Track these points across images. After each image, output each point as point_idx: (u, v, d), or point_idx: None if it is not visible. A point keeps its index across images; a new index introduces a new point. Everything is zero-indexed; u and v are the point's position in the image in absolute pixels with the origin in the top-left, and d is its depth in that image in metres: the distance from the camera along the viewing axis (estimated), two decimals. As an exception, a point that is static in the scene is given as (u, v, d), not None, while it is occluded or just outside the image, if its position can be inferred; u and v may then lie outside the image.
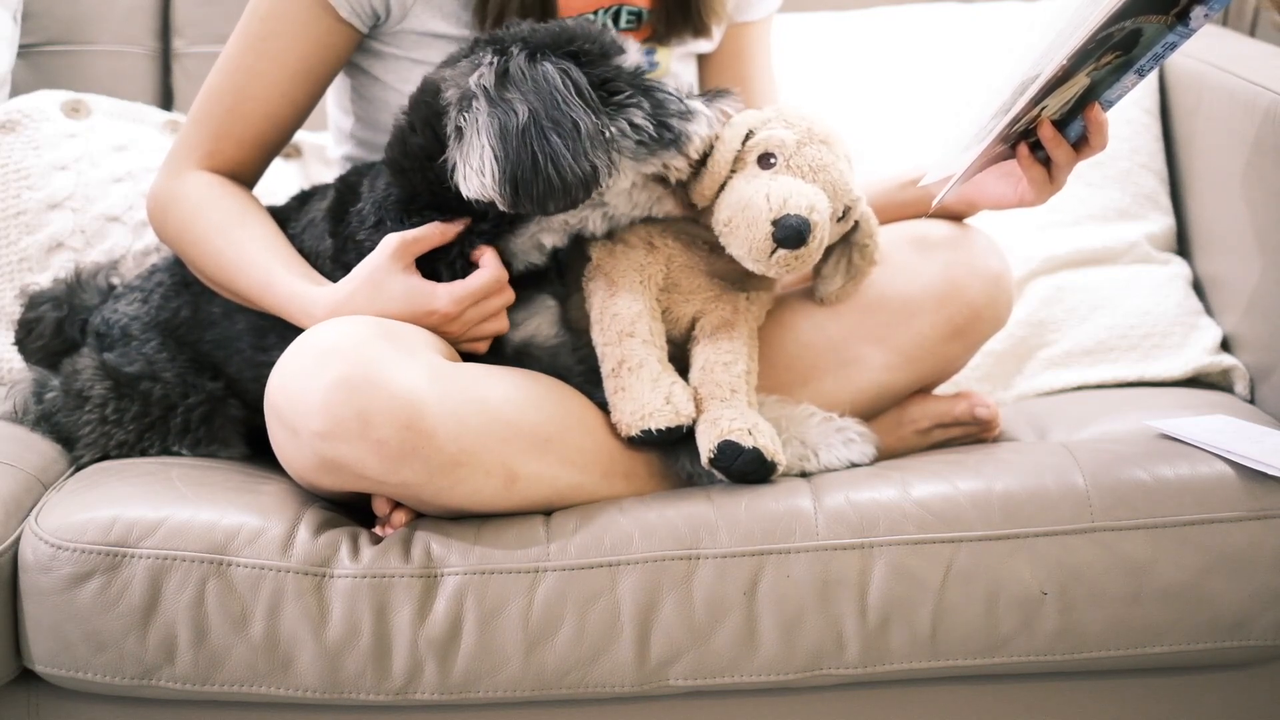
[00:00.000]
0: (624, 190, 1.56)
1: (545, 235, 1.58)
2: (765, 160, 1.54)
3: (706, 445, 1.52)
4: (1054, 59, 1.43)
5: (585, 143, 1.46)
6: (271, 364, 1.50)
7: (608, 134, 1.49)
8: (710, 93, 1.59)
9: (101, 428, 1.66)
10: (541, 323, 1.60)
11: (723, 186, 1.56)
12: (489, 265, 1.56)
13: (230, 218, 1.65)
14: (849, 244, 1.62)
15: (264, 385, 1.50)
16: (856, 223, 1.61)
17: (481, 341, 1.59)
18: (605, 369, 1.56)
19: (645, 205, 1.59)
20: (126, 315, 1.71)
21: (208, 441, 1.67)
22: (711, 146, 1.56)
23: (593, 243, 1.61)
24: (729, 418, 1.52)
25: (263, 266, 1.61)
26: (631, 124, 1.51)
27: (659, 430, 1.52)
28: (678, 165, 1.54)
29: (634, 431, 1.53)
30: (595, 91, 1.50)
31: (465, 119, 1.48)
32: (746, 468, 1.51)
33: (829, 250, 1.62)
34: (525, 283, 1.59)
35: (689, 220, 1.60)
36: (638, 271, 1.58)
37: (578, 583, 1.47)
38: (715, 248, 1.58)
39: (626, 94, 1.52)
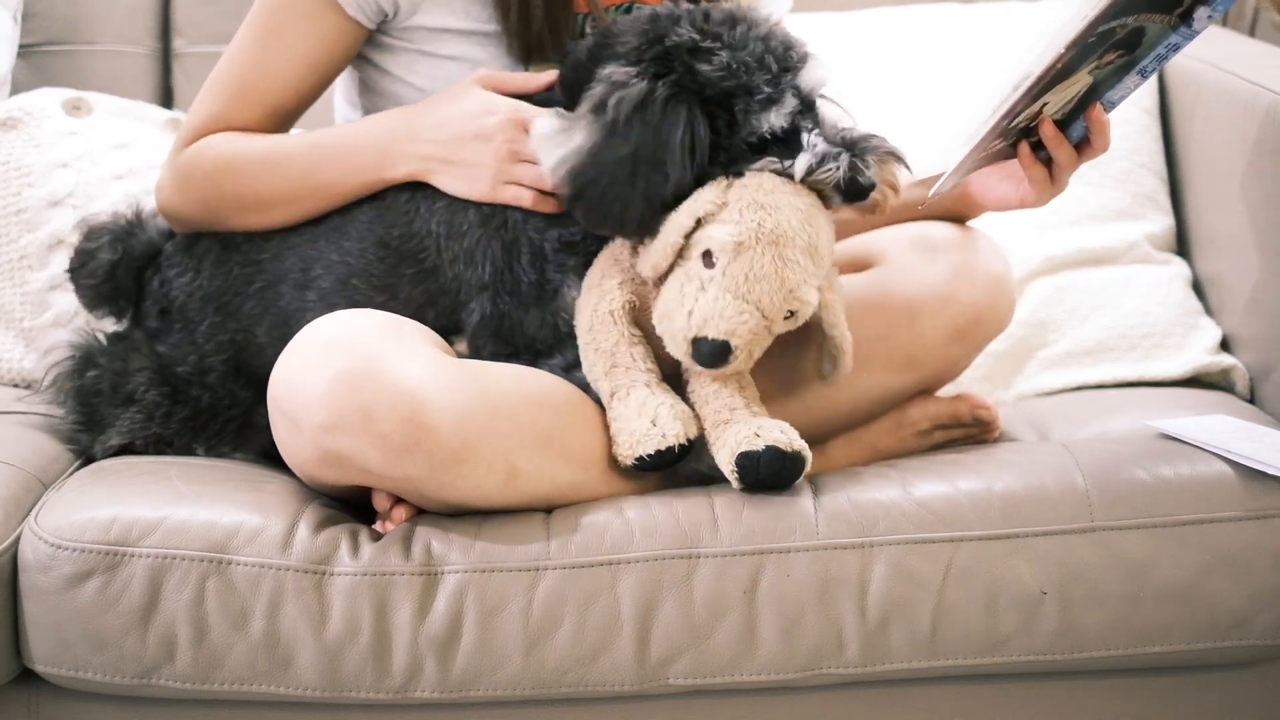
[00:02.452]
0: None
1: None
2: (707, 258, 1.50)
3: (729, 471, 1.51)
4: (1051, 49, 1.42)
5: (665, 197, 1.50)
6: (309, 304, 1.53)
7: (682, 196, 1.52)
8: (864, 140, 1.54)
9: (145, 424, 1.66)
10: None
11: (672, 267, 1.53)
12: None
13: (262, 136, 1.68)
14: (823, 335, 1.57)
15: (289, 336, 1.50)
16: (820, 314, 1.54)
17: (529, 192, 1.58)
18: (605, 402, 1.55)
19: None
20: (183, 291, 1.70)
21: (235, 446, 1.68)
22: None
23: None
24: (733, 434, 1.50)
25: (315, 134, 1.66)
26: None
27: (648, 456, 1.51)
28: None
29: (628, 461, 1.52)
30: (719, 147, 1.53)
31: (588, 117, 1.52)
32: (772, 468, 1.50)
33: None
34: None
35: None
36: (607, 303, 1.56)
37: (578, 581, 1.47)
38: None
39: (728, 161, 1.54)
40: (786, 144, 1.53)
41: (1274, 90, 1.77)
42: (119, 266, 1.73)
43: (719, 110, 1.53)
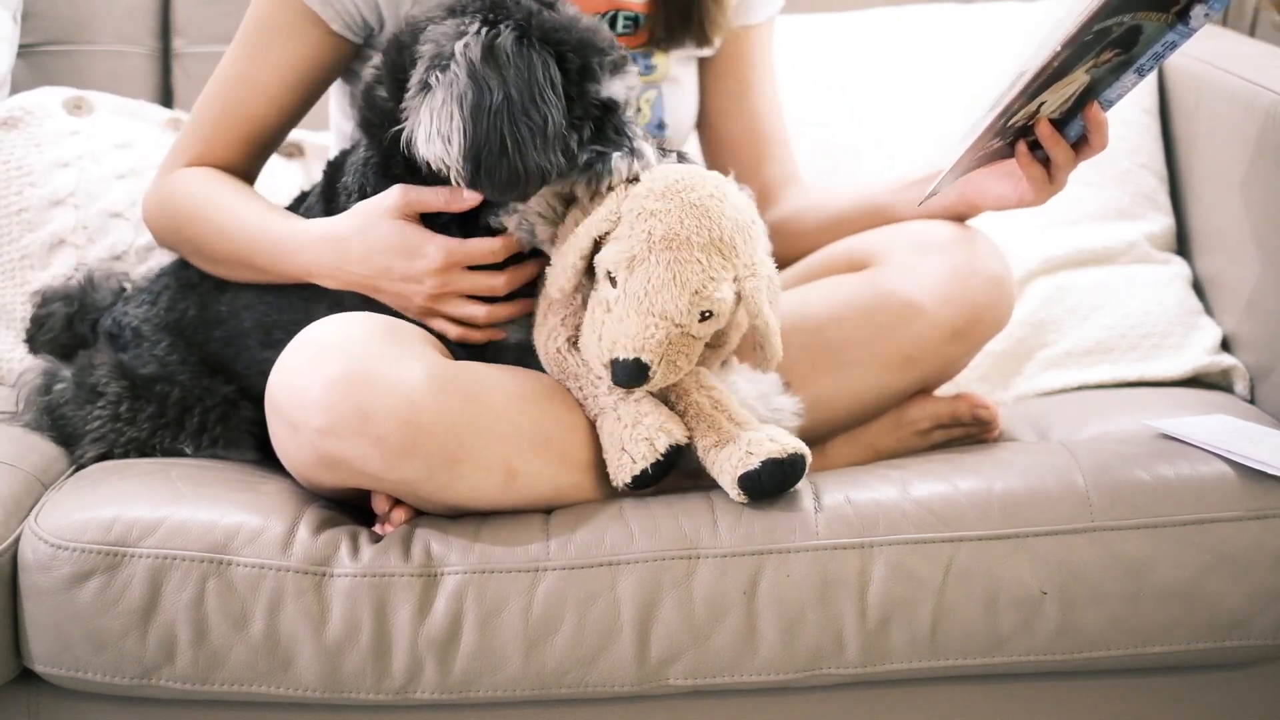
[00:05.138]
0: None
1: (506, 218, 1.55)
2: (610, 279, 1.47)
3: (735, 495, 1.50)
4: (1047, 47, 1.42)
5: (550, 139, 1.44)
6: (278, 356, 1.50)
7: (568, 137, 1.46)
8: (672, 152, 1.54)
9: (113, 424, 1.65)
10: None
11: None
12: (497, 240, 1.54)
13: (226, 189, 1.67)
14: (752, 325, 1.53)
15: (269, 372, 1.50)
16: (743, 304, 1.50)
17: (456, 327, 1.56)
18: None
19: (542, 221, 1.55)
20: (137, 317, 1.71)
21: (223, 444, 1.67)
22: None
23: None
24: (727, 457, 1.49)
25: (257, 219, 1.62)
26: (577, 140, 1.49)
27: (628, 484, 1.50)
28: (581, 193, 1.51)
29: (619, 486, 1.52)
30: (570, 97, 1.47)
31: (437, 79, 1.45)
32: (774, 479, 1.49)
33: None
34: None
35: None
36: (554, 342, 1.54)
37: (578, 582, 1.47)
38: None
39: (582, 114, 1.49)
40: (613, 117, 1.49)
41: (1274, 90, 1.77)
42: (75, 318, 1.76)
43: (573, 57, 1.47)
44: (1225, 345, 1.92)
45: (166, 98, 2.20)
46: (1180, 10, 1.45)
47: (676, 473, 1.52)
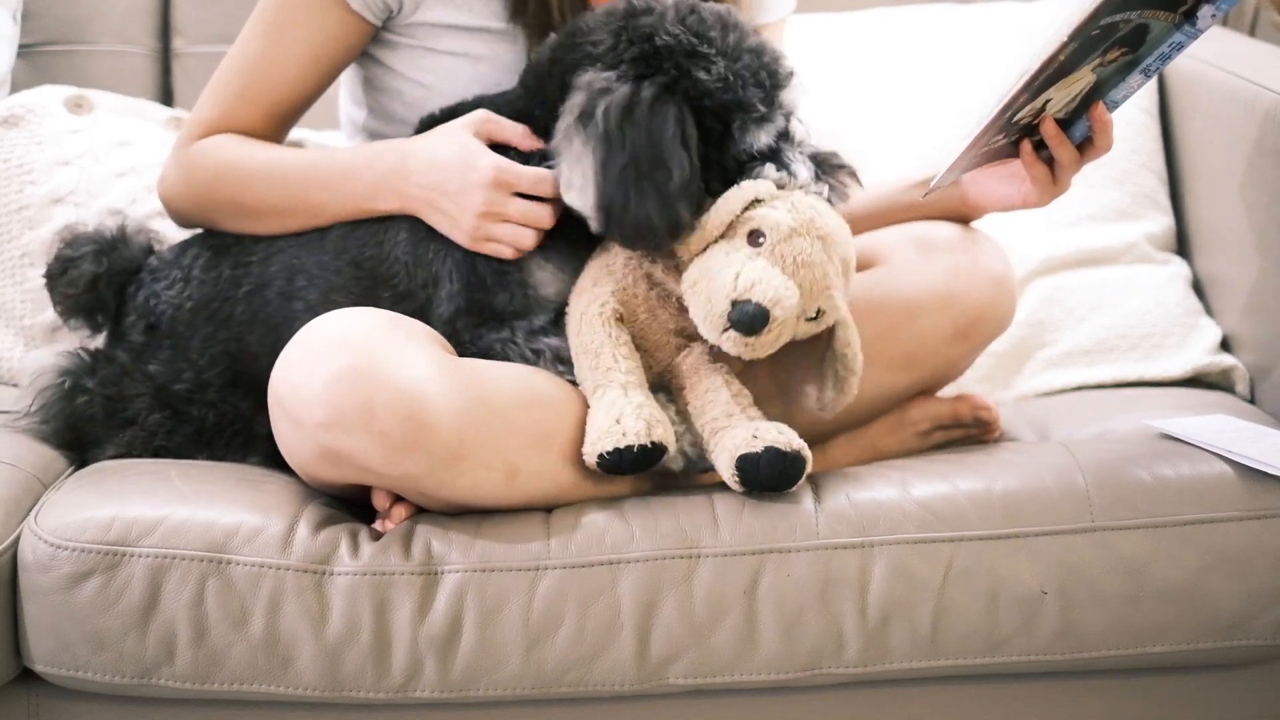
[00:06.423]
0: None
1: None
2: (754, 237, 1.49)
3: (729, 475, 1.50)
4: (1054, 40, 1.42)
5: (674, 194, 1.48)
6: (296, 314, 1.53)
7: (698, 188, 1.51)
8: (829, 162, 1.57)
9: (146, 444, 1.65)
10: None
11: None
12: (548, 172, 1.55)
13: (262, 143, 1.68)
14: (833, 351, 1.55)
15: (281, 345, 1.50)
16: (835, 330, 1.53)
17: (501, 245, 1.57)
18: (588, 399, 1.55)
19: None
20: (171, 304, 1.69)
21: (238, 455, 1.67)
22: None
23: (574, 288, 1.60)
24: (731, 437, 1.50)
25: (308, 155, 1.65)
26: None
27: (607, 454, 1.49)
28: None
29: (591, 460, 1.51)
30: (710, 160, 1.52)
31: (577, 135, 1.51)
32: (772, 469, 1.49)
33: (821, 357, 1.57)
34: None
35: (670, 275, 1.57)
36: (596, 307, 1.55)
37: (578, 581, 1.47)
38: (685, 308, 1.54)
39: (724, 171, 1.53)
40: (770, 161, 1.53)
41: (1274, 90, 1.77)
42: (101, 280, 1.72)
43: (713, 121, 1.52)
44: (1225, 345, 1.92)
45: (166, 98, 2.20)
46: (1188, 10, 1.44)
47: (640, 476, 1.54)
